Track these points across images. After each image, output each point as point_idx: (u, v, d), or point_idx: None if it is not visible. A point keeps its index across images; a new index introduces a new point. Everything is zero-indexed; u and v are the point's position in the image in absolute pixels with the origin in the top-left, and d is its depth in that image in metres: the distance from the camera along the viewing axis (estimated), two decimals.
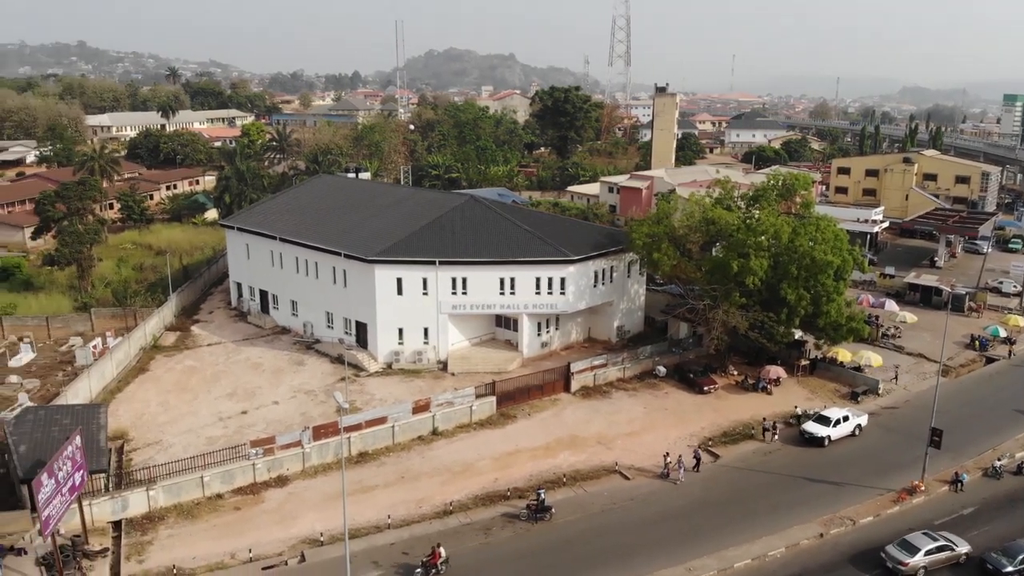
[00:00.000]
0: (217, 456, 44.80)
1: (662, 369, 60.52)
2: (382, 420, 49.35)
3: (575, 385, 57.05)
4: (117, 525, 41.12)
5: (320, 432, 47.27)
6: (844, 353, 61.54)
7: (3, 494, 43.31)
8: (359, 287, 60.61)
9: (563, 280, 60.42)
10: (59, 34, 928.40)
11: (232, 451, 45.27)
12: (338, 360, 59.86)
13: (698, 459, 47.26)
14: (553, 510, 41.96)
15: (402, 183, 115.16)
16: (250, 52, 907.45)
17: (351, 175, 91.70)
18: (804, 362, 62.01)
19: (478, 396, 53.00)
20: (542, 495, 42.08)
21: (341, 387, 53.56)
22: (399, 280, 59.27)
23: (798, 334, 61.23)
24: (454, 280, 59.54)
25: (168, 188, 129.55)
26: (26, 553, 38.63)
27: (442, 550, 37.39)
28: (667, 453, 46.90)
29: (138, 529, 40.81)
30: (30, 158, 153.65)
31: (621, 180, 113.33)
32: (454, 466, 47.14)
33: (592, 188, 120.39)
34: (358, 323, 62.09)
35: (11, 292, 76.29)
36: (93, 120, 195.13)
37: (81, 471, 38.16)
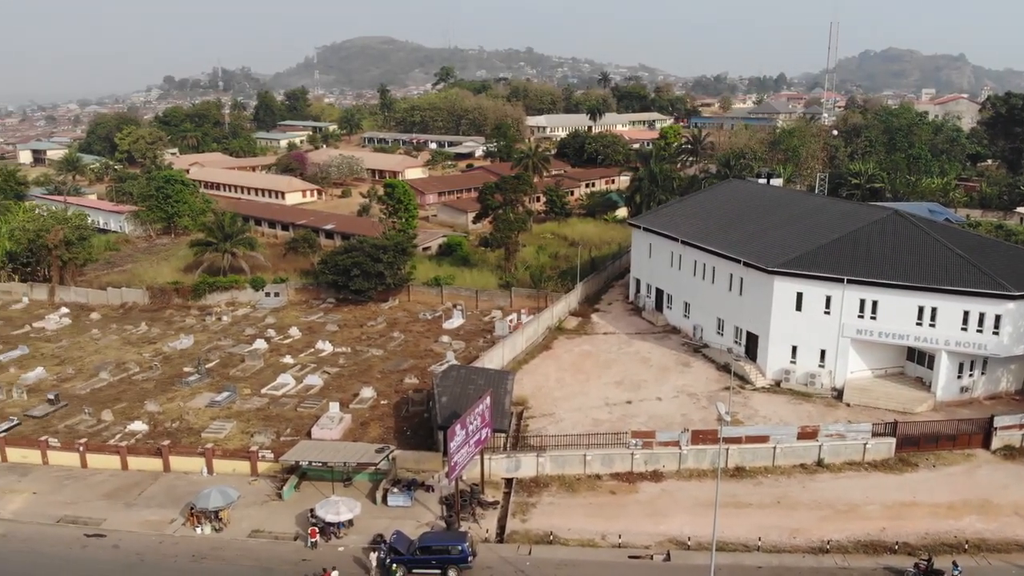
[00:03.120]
0: (600, 439, 47.49)
1: None
2: (764, 438, 47.62)
3: (996, 442, 48.78)
4: (509, 483, 45.88)
5: (698, 437, 47.31)
6: None
7: (423, 436, 51.20)
8: (755, 297, 59.05)
9: (998, 317, 51.88)
10: (512, 41, 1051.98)
11: (614, 437, 47.59)
12: (724, 368, 59.18)
13: None
14: None
15: (816, 191, 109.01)
16: (677, 56, 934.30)
17: (762, 180, 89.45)
18: None
19: (875, 434, 48.24)
20: (958, 569, 36.78)
21: (724, 396, 52.88)
22: (799, 295, 56.37)
23: None
24: (862, 302, 54.78)
25: (587, 186, 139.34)
26: (432, 491, 45.14)
27: (335, 574, 36.46)
28: None
29: (525, 490, 45.07)
30: (478, 152, 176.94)
31: None
32: (837, 503, 43.70)
33: None
34: (749, 334, 60.59)
35: (452, 265, 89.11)
36: (531, 120, 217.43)
37: (487, 428, 43.30)
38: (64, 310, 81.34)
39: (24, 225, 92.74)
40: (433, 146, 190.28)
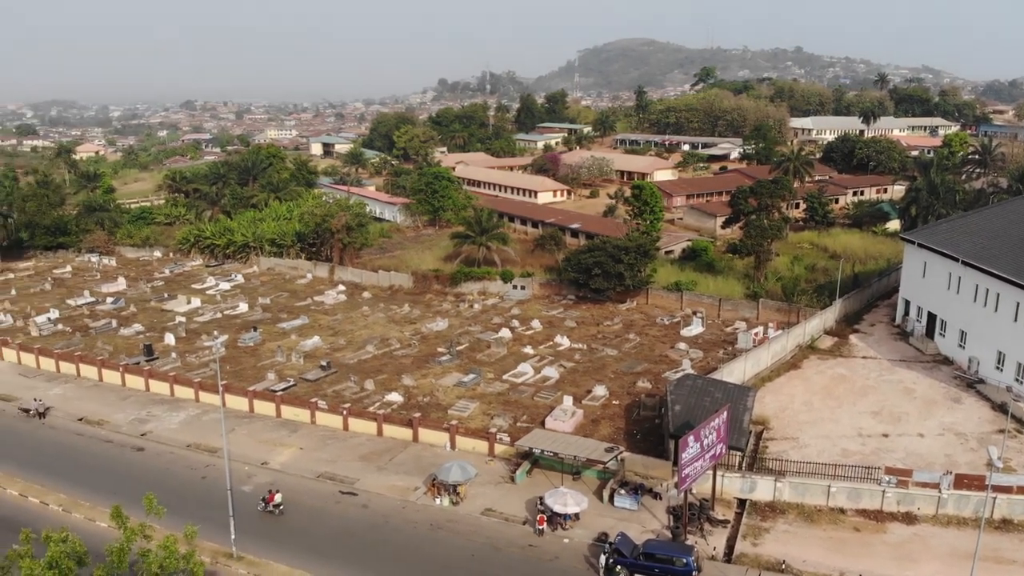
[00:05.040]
0: (848, 471, 44.10)
1: None
2: None
3: None
4: (741, 503, 44.09)
5: (962, 481, 42.33)
6: None
7: (653, 442, 50.62)
8: None
9: None
10: (779, 40, 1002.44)
11: (864, 470, 44.00)
12: (1000, 408, 52.22)
13: None
14: None
15: None
16: (966, 58, 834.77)
17: None
18: None
19: None
20: None
21: (998, 440, 46.72)
22: None
23: None
24: None
25: (854, 194, 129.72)
26: (660, 498, 44.52)
27: (278, 496, 43.25)
28: None
29: (759, 514, 43.03)
30: (734, 154, 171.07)
31: None
32: None
33: None
34: None
35: (695, 271, 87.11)
36: (796, 122, 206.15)
37: (722, 444, 41.86)
38: (341, 287, 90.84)
39: (313, 210, 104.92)
40: (686, 147, 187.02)
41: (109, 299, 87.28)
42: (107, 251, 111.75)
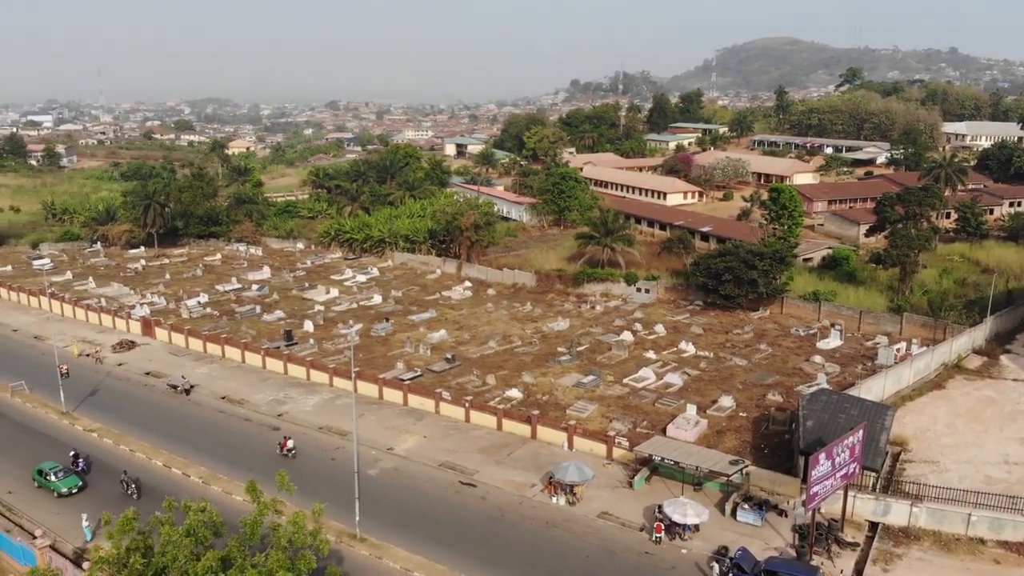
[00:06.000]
0: (992, 499, 41.04)
1: None
2: None
3: None
4: (873, 526, 41.77)
5: None
6: None
7: (781, 457, 48.71)
8: None
9: None
10: (932, 41, 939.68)
11: (1009, 500, 40.85)
12: None
13: None
14: None
15: None
16: None
17: None
18: None
19: None
20: None
21: None
22: None
23: None
24: None
25: (1011, 205, 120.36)
26: (786, 516, 42.76)
27: (290, 442, 50.46)
28: None
29: (891, 538, 40.67)
30: (880, 159, 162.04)
31: None
32: None
33: None
34: None
35: (835, 280, 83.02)
36: (949, 127, 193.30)
37: (856, 463, 39.81)
38: (467, 284, 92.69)
39: (444, 208, 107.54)
40: (828, 151, 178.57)
41: (254, 286, 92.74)
42: (254, 241, 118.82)
